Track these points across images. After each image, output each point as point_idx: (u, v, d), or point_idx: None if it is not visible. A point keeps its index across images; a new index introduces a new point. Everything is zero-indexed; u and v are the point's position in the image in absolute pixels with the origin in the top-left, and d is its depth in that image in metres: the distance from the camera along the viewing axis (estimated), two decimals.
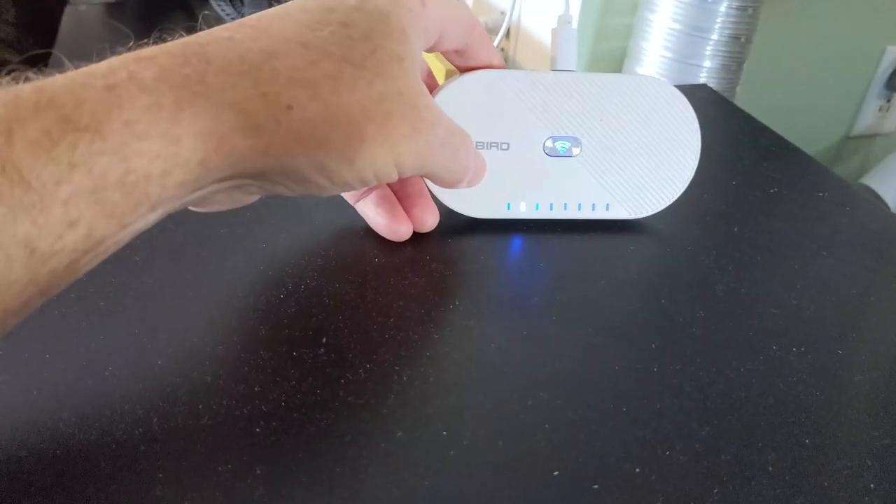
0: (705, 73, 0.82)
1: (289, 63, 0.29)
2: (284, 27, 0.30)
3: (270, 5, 1.02)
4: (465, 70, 0.39)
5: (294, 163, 0.30)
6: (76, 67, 0.26)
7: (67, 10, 1.45)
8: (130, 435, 0.28)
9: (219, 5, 1.28)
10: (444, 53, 0.38)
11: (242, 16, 1.22)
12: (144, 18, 1.48)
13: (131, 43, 0.28)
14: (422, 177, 0.39)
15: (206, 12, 1.32)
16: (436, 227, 0.41)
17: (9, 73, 0.26)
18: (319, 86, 0.29)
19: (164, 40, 0.29)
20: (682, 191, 0.42)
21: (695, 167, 0.42)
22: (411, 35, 0.32)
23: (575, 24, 0.41)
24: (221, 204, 0.32)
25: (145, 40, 0.29)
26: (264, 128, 0.28)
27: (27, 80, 0.25)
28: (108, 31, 1.44)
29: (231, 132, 0.28)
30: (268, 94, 0.28)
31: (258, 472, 0.27)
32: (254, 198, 0.33)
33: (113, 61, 0.27)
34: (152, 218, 0.28)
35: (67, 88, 0.25)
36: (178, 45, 0.28)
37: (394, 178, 0.33)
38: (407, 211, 0.40)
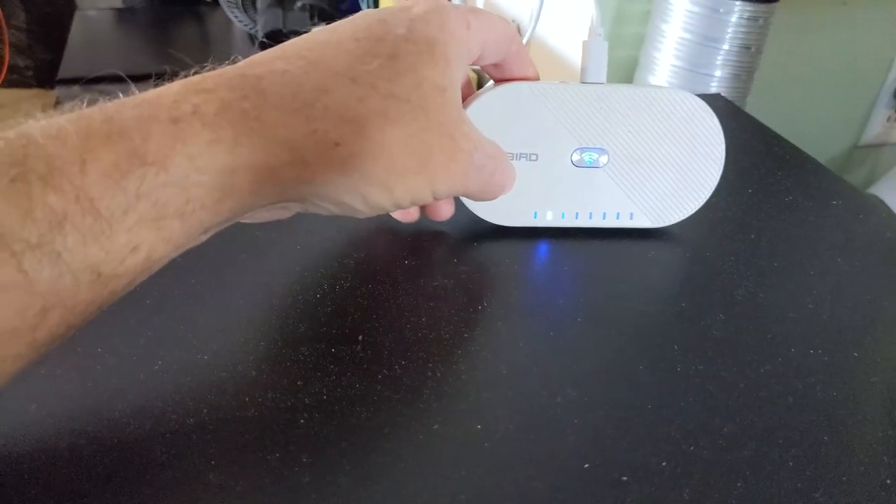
0: (716, 82, 0.84)
1: (338, 100, 0.30)
2: (336, 59, 0.31)
3: (284, 14, 1.03)
4: (499, 81, 0.41)
5: (335, 191, 0.32)
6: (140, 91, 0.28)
7: (77, 16, 1.47)
8: (183, 424, 0.29)
9: (232, 12, 1.30)
10: (483, 67, 0.40)
11: (255, 23, 1.22)
12: (153, 24, 1.50)
13: (193, 69, 0.30)
14: None
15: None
16: (462, 233, 0.43)
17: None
18: (366, 122, 0.31)
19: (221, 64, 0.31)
20: (705, 201, 0.44)
21: (718, 179, 0.43)
22: (455, 63, 0.34)
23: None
24: (262, 218, 0.34)
25: (204, 64, 0.30)
26: (311, 162, 0.30)
27: (93, 103, 0.27)
28: (117, 37, 1.46)
29: (281, 166, 0.29)
30: (317, 132, 0.30)
31: (304, 460, 0.28)
32: (292, 213, 0.36)
33: (177, 91, 0.28)
34: (202, 239, 0.30)
35: (135, 120, 0.26)
36: (237, 78, 0.30)
37: (429, 202, 0.34)
38: None
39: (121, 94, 0.28)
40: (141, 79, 0.33)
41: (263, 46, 0.32)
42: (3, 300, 0.23)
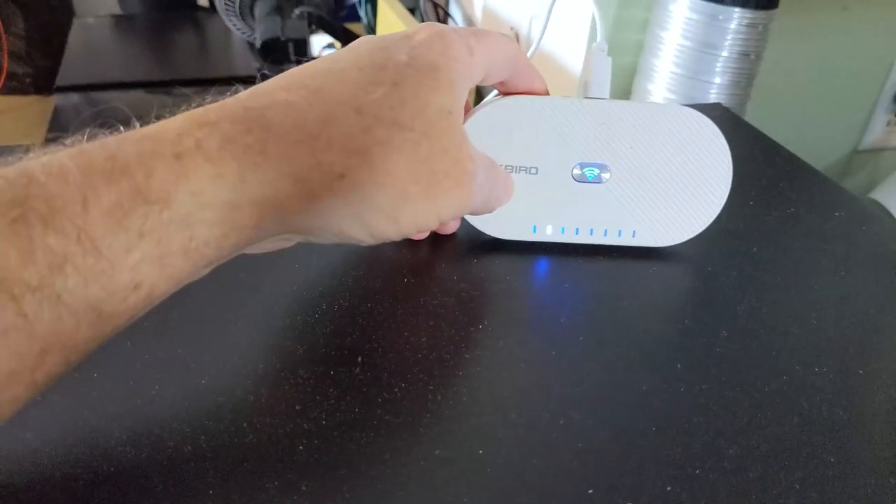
0: (715, 89, 0.83)
1: (342, 131, 0.30)
2: (339, 89, 0.31)
3: (283, 22, 1.03)
4: (507, 95, 0.40)
5: (340, 221, 0.31)
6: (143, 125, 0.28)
7: (75, 23, 1.47)
8: (180, 452, 0.29)
9: (230, 20, 1.29)
10: (490, 85, 0.39)
11: (253, 30, 1.22)
12: (151, 31, 1.50)
13: (194, 104, 0.30)
14: None
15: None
16: (462, 248, 0.42)
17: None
18: (370, 153, 0.30)
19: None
20: (711, 222, 0.43)
21: (724, 200, 0.42)
22: (458, 87, 0.33)
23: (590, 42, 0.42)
24: (264, 248, 0.34)
25: (206, 96, 0.30)
26: (317, 194, 0.30)
27: (93, 137, 0.27)
28: (116, 44, 1.45)
29: (286, 199, 0.29)
30: (322, 164, 0.30)
31: (303, 488, 0.28)
32: (293, 243, 0.35)
33: (180, 125, 0.28)
34: (205, 272, 0.30)
35: (138, 156, 0.26)
36: (239, 111, 0.29)
37: (434, 227, 0.34)
38: None
39: (118, 103, 0.28)
40: (138, 86, 0.32)
41: (264, 50, 0.32)
42: (3, 344, 0.23)
